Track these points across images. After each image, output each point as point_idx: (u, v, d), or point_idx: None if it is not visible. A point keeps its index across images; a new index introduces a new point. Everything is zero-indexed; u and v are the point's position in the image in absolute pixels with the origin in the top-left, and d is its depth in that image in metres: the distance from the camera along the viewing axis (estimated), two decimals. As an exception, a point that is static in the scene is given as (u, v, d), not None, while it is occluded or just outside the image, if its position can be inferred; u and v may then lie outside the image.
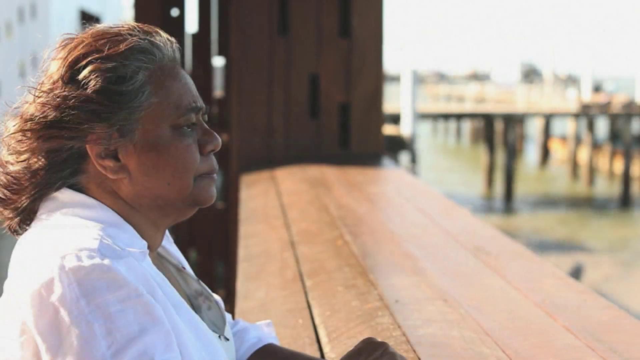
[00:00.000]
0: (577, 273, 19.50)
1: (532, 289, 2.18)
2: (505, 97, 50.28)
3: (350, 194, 3.91)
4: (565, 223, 30.21)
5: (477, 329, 1.83)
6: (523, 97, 44.90)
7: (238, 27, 5.14)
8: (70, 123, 1.22)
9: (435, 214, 3.44)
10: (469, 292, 2.19)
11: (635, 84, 47.96)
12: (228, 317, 1.50)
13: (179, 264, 1.45)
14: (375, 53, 5.21)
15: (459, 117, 44.98)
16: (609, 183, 39.98)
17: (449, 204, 3.70)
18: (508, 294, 2.16)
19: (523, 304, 2.05)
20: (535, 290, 2.17)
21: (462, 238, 2.90)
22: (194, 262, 5.92)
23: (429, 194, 4.07)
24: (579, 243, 26.61)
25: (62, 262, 1.13)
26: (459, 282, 2.31)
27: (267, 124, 5.15)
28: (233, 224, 5.05)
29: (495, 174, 37.75)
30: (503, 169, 36.41)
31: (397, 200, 4.07)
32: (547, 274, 2.37)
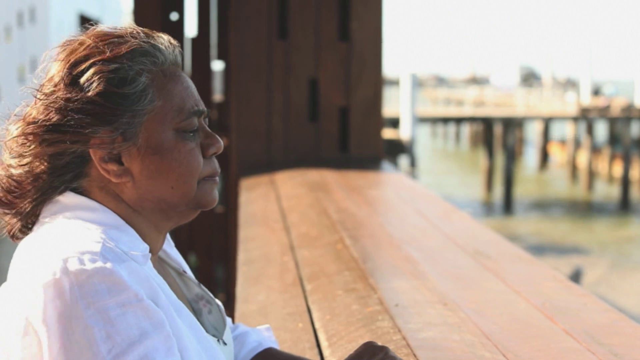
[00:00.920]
0: (576, 276, 19.50)
1: (532, 292, 2.18)
2: (505, 100, 50.30)
3: (350, 198, 3.90)
4: (565, 226, 30.22)
5: (477, 333, 1.83)
6: (522, 100, 44.90)
7: (237, 31, 5.14)
8: (74, 127, 1.21)
9: (435, 218, 3.44)
10: (469, 295, 2.19)
11: (634, 88, 47.96)
12: (228, 321, 1.50)
13: (180, 268, 1.45)
14: (375, 57, 5.22)
15: (458, 120, 45.00)
16: (608, 186, 39.99)
17: (449, 208, 3.70)
18: (508, 297, 2.16)
19: (523, 307, 2.05)
20: (535, 294, 2.17)
21: (461, 241, 2.90)
22: (194, 266, 5.91)
23: (429, 198, 4.07)
24: (579, 246, 26.61)
25: (64, 264, 1.12)
26: (459, 285, 2.31)
27: (266, 128, 5.15)
28: (233, 228, 5.05)
29: (495, 178, 37.76)
30: (502, 173, 36.42)
31: (396, 204, 4.07)
32: (546, 277, 2.37)
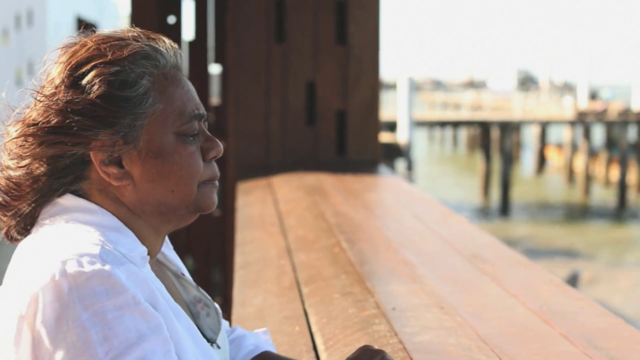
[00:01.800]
0: (573, 280, 19.51)
1: (529, 296, 2.18)
2: (502, 104, 50.31)
3: (347, 201, 3.91)
4: (562, 230, 30.23)
5: (474, 336, 1.83)
6: (519, 104, 44.94)
7: (235, 34, 5.15)
8: (74, 129, 1.21)
9: (432, 221, 3.44)
10: (466, 299, 2.19)
11: (632, 92, 48.06)
12: (225, 324, 1.49)
13: (178, 271, 1.44)
14: (372, 60, 5.22)
15: (456, 124, 45.06)
16: (605, 190, 40.01)
17: (446, 211, 3.70)
18: (505, 301, 2.16)
19: (520, 311, 2.05)
20: (532, 297, 2.17)
21: (458, 245, 2.90)
22: (192, 269, 5.91)
23: (426, 201, 4.07)
24: (576, 250, 26.62)
25: (63, 266, 1.12)
26: (456, 289, 2.31)
27: (264, 131, 5.15)
28: (230, 231, 5.04)
29: (492, 182, 37.77)
30: (499, 177, 36.43)
31: (393, 208, 4.07)
32: (543, 281, 2.37)
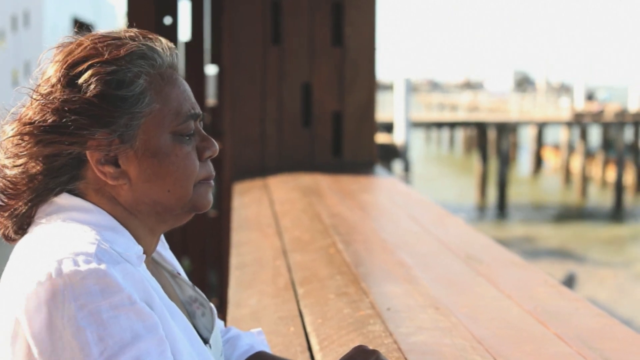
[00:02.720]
0: (570, 281, 19.53)
1: (524, 297, 2.18)
2: (498, 105, 50.39)
3: (343, 202, 3.91)
4: (558, 231, 30.26)
5: (468, 337, 1.83)
6: (516, 105, 44.98)
7: (231, 35, 5.15)
8: (71, 128, 1.21)
9: (428, 223, 3.45)
10: (461, 300, 2.19)
11: (628, 93, 48.13)
12: (220, 324, 1.49)
13: (174, 270, 1.44)
14: (368, 62, 5.23)
15: (452, 125, 45.10)
16: (602, 191, 40.07)
17: (442, 212, 3.71)
18: (500, 302, 2.17)
19: (515, 312, 2.06)
20: (527, 298, 2.17)
21: (454, 246, 2.91)
22: (188, 270, 5.91)
23: (422, 203, 4.08)
24: (572, 251, 26.64)
25: (58, 265, 1.12)
26: (451, 290, 2.32)
27: (260, 133, 5.15)
28: (226, 232, 5.04)
29: (488, 183, 37.80)
30: (496, 178, 36.47)
31: (389, 209, 4.07)
32: (539, 282, 2.38)
